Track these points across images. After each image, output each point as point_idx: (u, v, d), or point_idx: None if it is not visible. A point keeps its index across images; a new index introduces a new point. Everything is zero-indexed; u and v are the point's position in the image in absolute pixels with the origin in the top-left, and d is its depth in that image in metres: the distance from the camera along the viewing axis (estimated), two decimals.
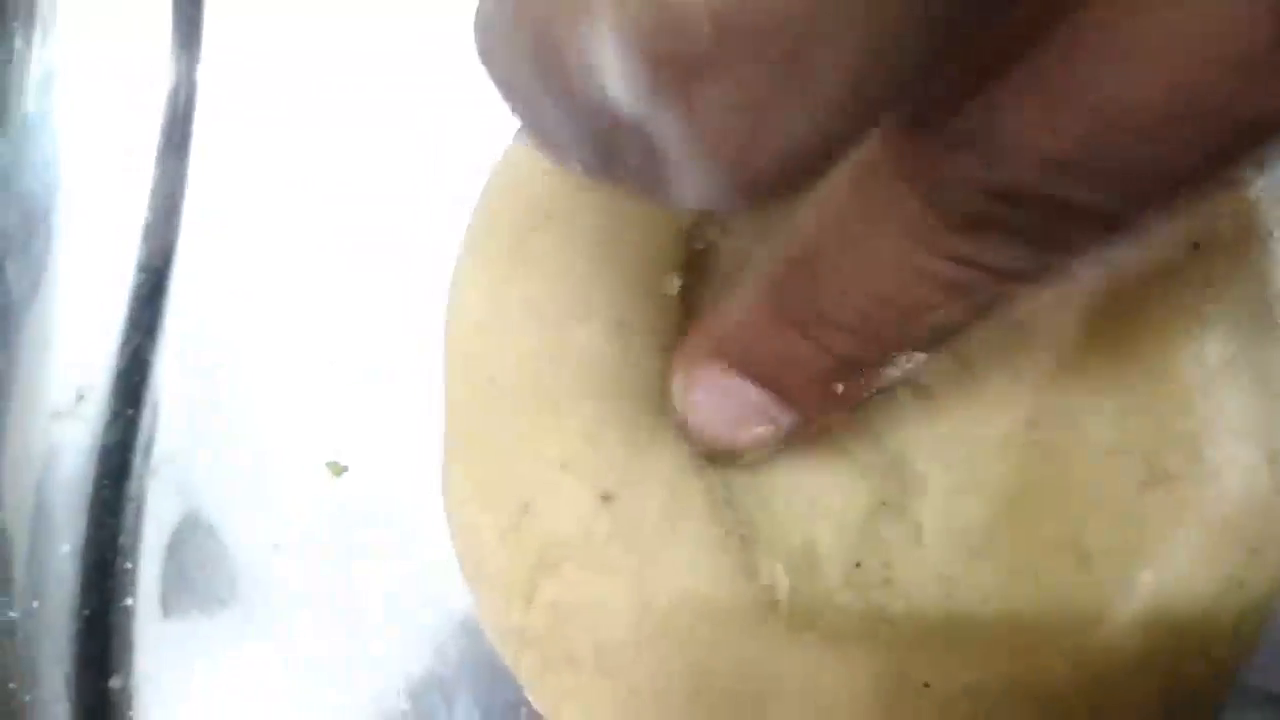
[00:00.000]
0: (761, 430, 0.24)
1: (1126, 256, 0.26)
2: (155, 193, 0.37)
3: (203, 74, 0.38)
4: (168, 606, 0.34)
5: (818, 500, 0.27)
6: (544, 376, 0.26)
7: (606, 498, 0.25)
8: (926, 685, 0.24)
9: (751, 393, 0.24)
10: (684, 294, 0.27)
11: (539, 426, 0.26)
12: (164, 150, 0.37)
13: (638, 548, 0.25)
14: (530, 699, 0.27)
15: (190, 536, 0.35)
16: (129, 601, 0.34)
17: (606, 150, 0.16)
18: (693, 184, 0.15)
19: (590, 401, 0.26)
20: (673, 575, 0.24)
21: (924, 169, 0.18)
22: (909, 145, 0.18)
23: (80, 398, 0.35)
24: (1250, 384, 0.25)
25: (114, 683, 0.34)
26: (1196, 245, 0.26)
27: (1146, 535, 0.24)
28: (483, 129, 0.30)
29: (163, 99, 0.38)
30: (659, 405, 0.26)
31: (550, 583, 0.25)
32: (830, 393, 0.23)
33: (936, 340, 0.21)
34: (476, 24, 0.17)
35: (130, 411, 0.36)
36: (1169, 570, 0.24)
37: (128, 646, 0.34)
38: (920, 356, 0.22)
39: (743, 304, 0.24)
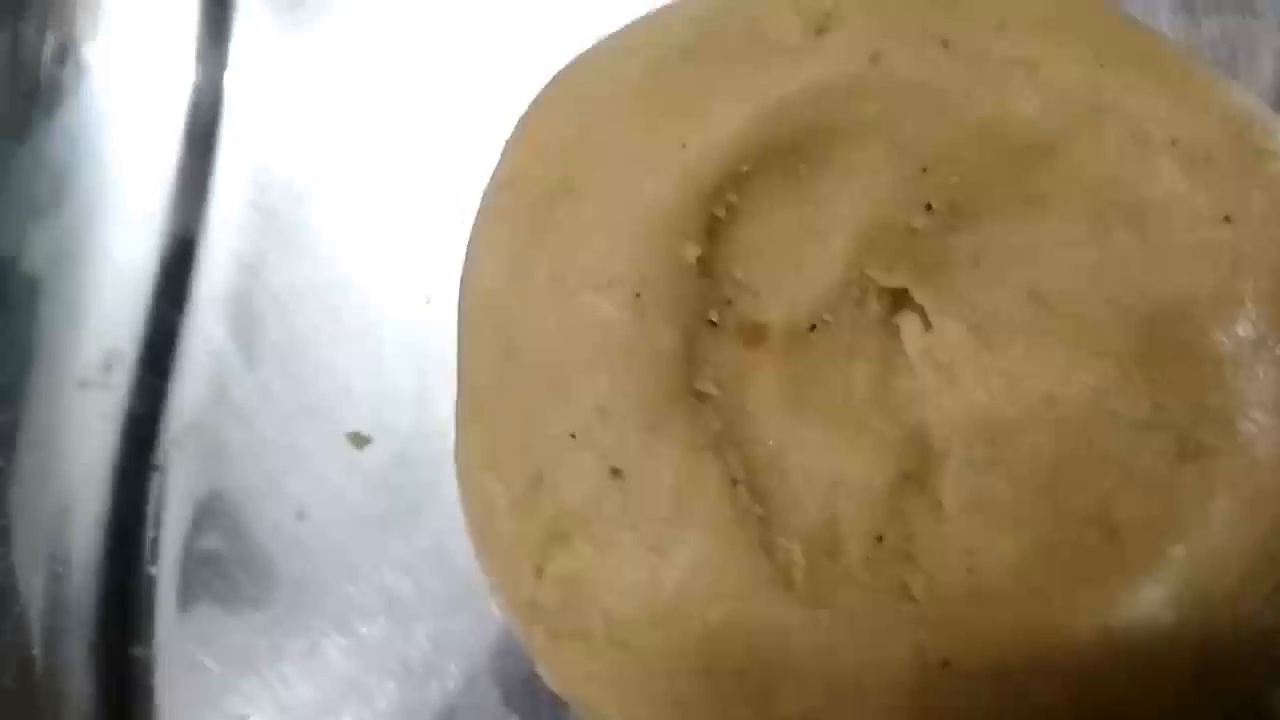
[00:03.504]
0: None
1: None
2: (184, 161, 0.38)
3: (231, 50, 0.39)
4: (191, 576, 0.34)
5: (839, 475, 0.26)
6: (560, 347, 0.26)
7: (617, 472, 0.25)
8: (947, 663, 0.23)
9: None
10: (702, 262, 0.26)
11: (553, 398, 0.26)
12: (193, 119, 0.38)
13: (648, 524, 0.24)
14: (540, 673, 0.27)
15: (214, 506, 0.35)
16: (152, 570, 0.34)
17: None
18: None
19: (604, 374, 0.25)
20: (684, 553, 0.24)
21: None
22: None
23: (108, 366, 0.36)
24: None
25: (136, 651, 0.34)
26: (1228, 218, 0.25)
27: (1178, 509, 0.24)
28: (496, 99, 0.31)
29: (192, 70, 0.39)
30: (674, 379, 0.25)
31: (561, 555, 0.25)
32: None
33: None
34: None
35: (157, 381, 0.36)
36: (1201, 544, 0.23)
37: (150, 615, 0.34)
38: None
39: None
